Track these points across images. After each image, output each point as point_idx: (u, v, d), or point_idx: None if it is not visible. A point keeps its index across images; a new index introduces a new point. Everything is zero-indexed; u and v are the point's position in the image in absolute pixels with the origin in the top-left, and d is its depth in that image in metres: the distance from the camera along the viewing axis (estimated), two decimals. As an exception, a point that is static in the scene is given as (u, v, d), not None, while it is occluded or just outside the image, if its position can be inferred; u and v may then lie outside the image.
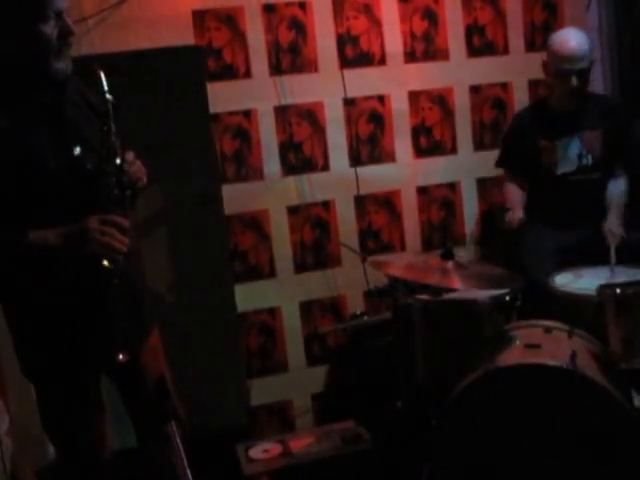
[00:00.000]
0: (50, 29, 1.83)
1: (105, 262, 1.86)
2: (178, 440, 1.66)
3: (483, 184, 3.61)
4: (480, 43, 3.55)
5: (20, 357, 2.06)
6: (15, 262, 1.89)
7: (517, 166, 3.22)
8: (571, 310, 2.53)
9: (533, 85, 3.59)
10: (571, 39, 2.98)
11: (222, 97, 3.19)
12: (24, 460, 2.84)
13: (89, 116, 2.00)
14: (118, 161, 1.90)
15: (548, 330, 2.41)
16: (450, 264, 2.43)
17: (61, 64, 1.88)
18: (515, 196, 3.20)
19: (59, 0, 1.84)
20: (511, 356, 2.24)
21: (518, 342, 2.34)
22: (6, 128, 1.83)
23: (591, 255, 2.82)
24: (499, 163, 3.31)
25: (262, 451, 2.86)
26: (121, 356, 1.90)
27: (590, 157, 3.09)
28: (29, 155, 1.85)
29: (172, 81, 2.96)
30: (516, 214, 3.04)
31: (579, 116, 3.09)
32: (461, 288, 2.41)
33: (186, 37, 3.12)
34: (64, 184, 1.89)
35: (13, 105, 1.86)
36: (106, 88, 1.91)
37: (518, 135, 3.19)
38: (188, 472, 1.67)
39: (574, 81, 2.96)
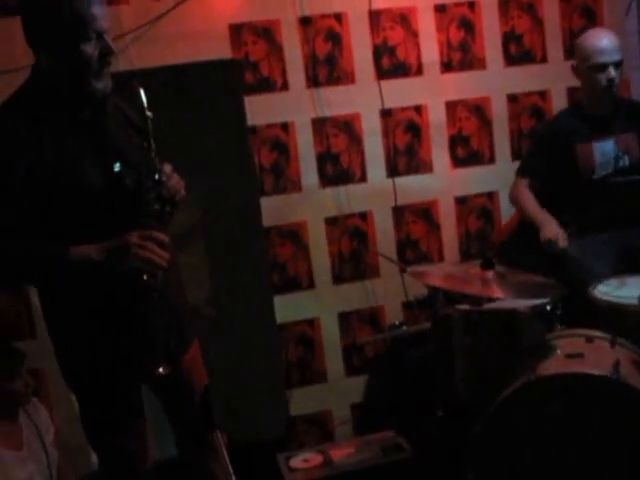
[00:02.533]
0: (91, 49, 1.86)
1: (145, 277, 1.89)
2: (223, 449, 1.68)
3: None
4: (518, 51, 3.53)
5: (62, 368, 2.10)
6: (58, 276, 1.92)
7: (547, 173, 3.14)
8: (613, 319, 2.50)
9: (572, 93, 3.53)
10: (602, 35, 3.02)
11: (259, 110, 3.22)
12: (69, 470, 2.89)
13: (129, 133, 2.04)
14: (157, 177, 1.93)
15: (590, 339, 2.38)
16: (490, 274, 2.42)
17: (100, 84, 1.91)
18: (539, 209, 3.07)
19: (100, 21, 1.87)
20: (553, 365, 2.22)
21: (559, 351, 2.32)
22: (48, 144, 1.87)
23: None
24: (525, 171, 3.19)
25: (303, 461, 2.86)
26: (161, 369, 1.92)
27: (627, 159, 3.05)
28: (70, 171, 1.89)
29: (210, 95, 2.99)
30: (553, 230, 2.90)
31: (612, 118, 3.06)
32: (501, 298, 2.40)
33: (223, 51, 3.16)
34: (104, 200, 1.93)
35: (54, 122, 1.90)
36: (145, 105, 1.94)
37: (555, 139, 3.12)
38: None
39: (612, 72, 2.94)
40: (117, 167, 1.95)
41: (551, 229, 2.89)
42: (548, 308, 2.42)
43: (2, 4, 2.88)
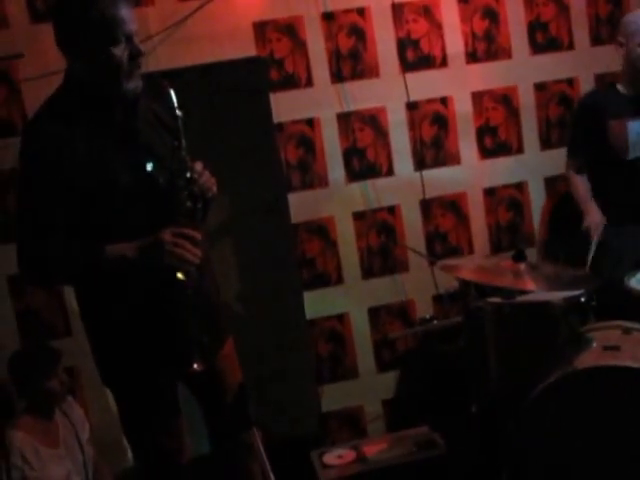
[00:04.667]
0: (121, 52, 1.89)
1: (179, 274, 1.91)
2: (260, 446, 1.68)
3: (552, 183, 3.53)
4: (543, 39, 3.48)
5: (99, 366, 2.13)
6: (94, 275, 1.95)
7: (586, 154, 3.11)
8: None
9: (600, 79, 3.48)
10: None
11: (285, 106, 3.22)
12: (104, 466, 2.92)
13: (160, 132, 2.05)
14: (188, 175, 1.95)
15: (627, 331, 2.34)
16: (522, 266, 2.38)
17: (132, 84, 1.94)
18: (586, 194, 3.08)
19: (129, 23, 1.89)
20: (590, 358, 2.19)
21: (596, 344, 2.28)
22: (81, 147, 1.90)
23: None
24: (569, 152, 3.17)
25: (336, 457, 2.86)
26: (196, 365, 1.94)
27: None
28: (103, 172, 1.92)
29: (236, 93, 3.01)
30: (595, 218, 2.94)
31: None
32: (534, 290, 2.37)
33: (248, 49, 3.17)
34: (138, 199, 1.95)
35: (88, 124, 1.93)
36: (176, 104, 1.96)
37: (588, 114, 3.07)
38: (272, 476, 1.68)
39: None
40: (149, 166, 1.98)
41: (592, 216, 2.95)
42: (583, 300, 2.39)
43: (33, 11, 2.92)
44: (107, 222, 1.93)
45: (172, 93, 1.96)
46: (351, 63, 3.30)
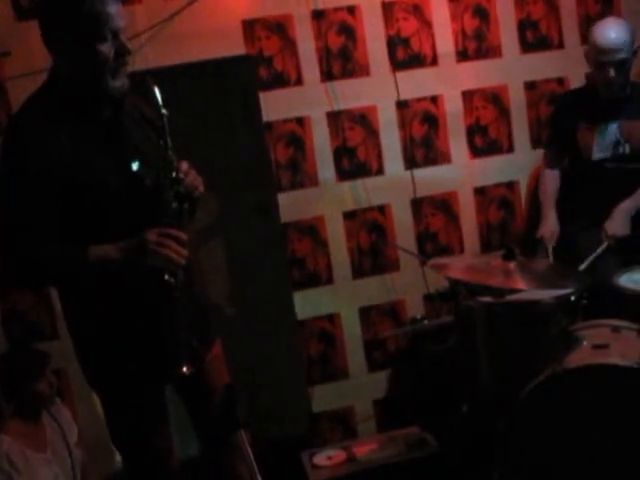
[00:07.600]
0: (107, 49, 1.86)
1: (166, 276, 1.88)
2: (248, 448, 1.67)
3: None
4: (534, 38, 3.47)
5: (85, 369, 2.10)
6: (78, 277, 1.92)
7: (560, 150, 3.16)
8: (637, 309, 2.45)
9: (590, 78, 3.49)
10: (609, 30, 2.91)
11: (274, 105, 3.20)
12: (92, 469, 2.90)
13: (147, 131, 2.03)
14: (174, 174, 1.92)
15: (616, 329, 2.35)
16: (512, 265, 2.38)
17: (118, 82, 1.91)
18: (551, 195, 3.11)
19: (115, 20, 1.87)
20: (579, 357, 2.19)
21: (585, 342, 2.29)
22: (67, 146, 1.87)
23: None
24: (546, 143, 3.25)
25: (326, 458, 2.86)
26: (185, 369, 1.92)
27: (628, 146, 2.98)
28: (89, 172, 1.89)
29: (225, 91, 3.00)
30: (548, 226, 2.98)
31: (621, 103, 3.00)
32: (524, 289, 2.36)
33: (237, 47, 3.14)
34: (123, 200, 1.93)
35: (73, 123, 1.90)
36: (161, 103, 1.94)
37: (560, 116, 3.13)
38: (259, 478, 1.67)
39: (612, 73, 2.88)
40: (135, 166, 1.95)
41: (546, 226, 2.99)
42: (573, 298, 2.39)
43: (18, 9, 2.90)
44: (92, 222, 1.90)
45: (157, 91, 1.94)
46: (341, 61, 3.28)
